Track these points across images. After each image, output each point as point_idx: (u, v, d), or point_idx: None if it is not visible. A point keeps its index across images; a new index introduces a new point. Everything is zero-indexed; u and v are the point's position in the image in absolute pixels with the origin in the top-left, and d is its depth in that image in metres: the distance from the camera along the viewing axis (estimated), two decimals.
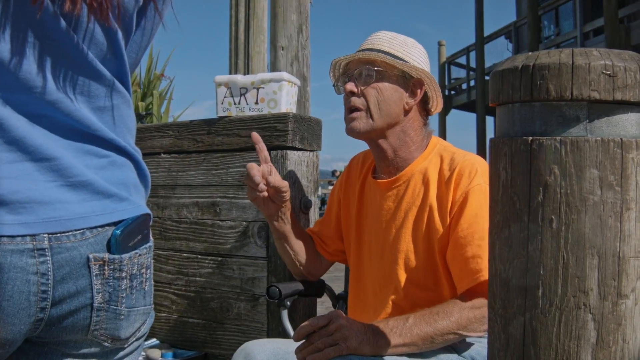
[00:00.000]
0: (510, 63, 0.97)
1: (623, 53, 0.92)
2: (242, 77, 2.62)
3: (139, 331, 1.17)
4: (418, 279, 1.90)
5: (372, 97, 1.93)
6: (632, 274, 0.89)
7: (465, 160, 1.87)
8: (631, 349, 0.90)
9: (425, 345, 1.72)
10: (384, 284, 1.97)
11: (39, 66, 1.02)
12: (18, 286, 1.00)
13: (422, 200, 1.90)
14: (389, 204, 1.98)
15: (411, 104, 1.95)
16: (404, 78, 1.95)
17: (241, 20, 5.68)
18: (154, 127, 2.88)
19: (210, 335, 2.70)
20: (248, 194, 2.06)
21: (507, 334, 0.95)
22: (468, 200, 1.79)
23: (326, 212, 2.29)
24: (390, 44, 1.96)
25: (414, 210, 1.91)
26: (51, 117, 1.04)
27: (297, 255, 2.21)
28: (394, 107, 1.93)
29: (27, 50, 1.01)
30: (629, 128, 0.91)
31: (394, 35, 2.01)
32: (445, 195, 1.85)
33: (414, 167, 1.95)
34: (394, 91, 1.94)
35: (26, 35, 1.01)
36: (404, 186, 1.95)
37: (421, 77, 1.95)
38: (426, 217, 1.88)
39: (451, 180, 1.84)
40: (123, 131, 1.14)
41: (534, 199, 0.91)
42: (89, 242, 1.05)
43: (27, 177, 1.01)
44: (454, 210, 1.82)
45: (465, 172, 1.83)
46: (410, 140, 1.97)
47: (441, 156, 1.94)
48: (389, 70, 1.94)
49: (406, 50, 1.97)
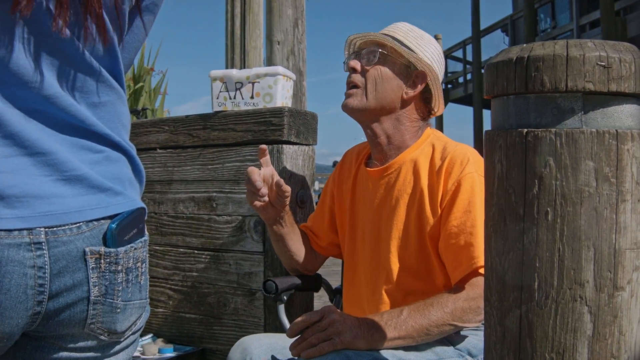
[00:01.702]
0: (505, 55, 0.96)
1: (618, 44, 0.92)
2: (237, 72, 2.61)
3: (135, 325, 1.18)
4: (410, 266, 1.90)
5: (371, 77, 1.95)
6: (628, 266, 0.89)
7: (456, 150, 1.88)
8: (627, 341, 0.90)
9: (420, 337, 1.72)
10: (376, 273, 1.97)
11: (34, 61, 1.03)
12: (15, 280, 1.00)
13: (412, 188, 1.91)
14: (381, 192, 1.99)
15: (410, 94, 1.96)
16: (407, 68, 1.96)
17: (237, 15, 5.67)
18: (149, 123, 2.87)
19: (207, 330, 2.69)
20: (248, 199, 2.03)
21: (503, 327, 0.95)
22: (460, 189, 1.80)
23: (318, 205, 2.28)
24: (406, 35, 1.99)
25: (405, 198, 1.92)
26: (47, 112, 1.04)
27: (294, 255, 2.21)
28: (389, 92, 1.94)
29: (23, 46, 1.02)
30: (624, 119, 0.91)
31: (413, 28, 2.03)
32: (437, 183, 1.85)
33: (405, 156, 1.96)
34: (393, 78, 1.95)
35: (21, 31, 1.01)
36: (395, 174, 1.96)
37: (425, 70, 1.95)
38: (417, 206, 1.88)
39: (442, 169, 1.85)
40: (118, 127, 1.14)
41: (530, 191, 0.91)
42: (85, 235, 1.05)
43: (23, 171, 1.01)
44: (445, 199, 1.82)
45: (457, 161, 1.84)
46: (405, 130, 1.98)
47: (433, 145, 1.94)
48: (395, 57, 1.95)
49: (419, 43, 1.98)
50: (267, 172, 2.01)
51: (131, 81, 8.16)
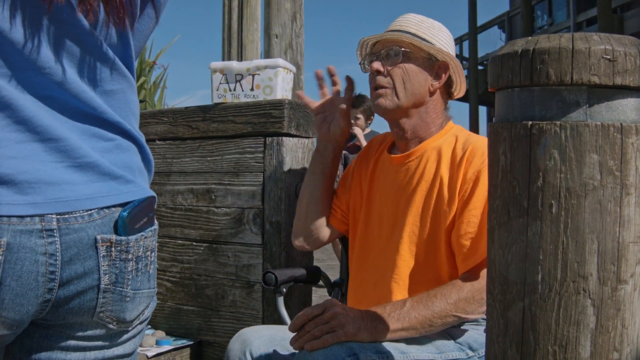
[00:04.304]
0: (510, 47, 0.96)
1: (623, 38, 0.92)
2: (237, 64, 2.61)
3: (142, 314, 1.18)
4: (419, 253, 1.89)
5: (397, 76, 1.94)
6: (632, 259, 0.89)
7: (479, 141, 1.89)
8: (630, 334, 0.90)
9: (424, 328, 1.72)
10: (387, 258, 1.95)
11: (49, 48, 1.03)
12: (27, 266, 1.00)
13: (433, 176, 1.91)
14: (401, 178, 1.98)
15: (436, 86, 1.97)
16: (429, 60, 1.96)
17: (234, 8, 5.65)
18: (149, 114, 2.87)
19: (205, 322, 2.70)
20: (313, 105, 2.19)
21: (506, 320, 0.95)
22: (480, 179, 1.80)
23: (340, 183, 2.25)
24: (418, 27, 1.98)
25: (425, 185, 1.92)
26: (59, 98, 1.04)
27: (317, 210, 2.18)
28: (418, 87, 1.95)
29: (39, 32, 1.02)
30: (628, 113, 0.91)
31: (422, 18, 2.02)
32: (457, 172, 1.86)
33: (428, 144, 1.97)
34: (419, 72, 1.95)
35: (39, 18, 1.01)
36: (416, 161, 1.96)
37: (446, 60, 1.97)
38: (436, 193, 1.89)
39: (463, 158, 1.86)
40: (128, 115, 1.14)
41: (534, 183, 0.91)
42: (97, 223, 1.05)
43: (35, 157, 1.01)
44: (464, 188, 1.83)
45: (479, 152, 1.84)
46: (431, 121, 1.99)
47: (456, 136, 1.96)
48: (416, 52, 1.95)
49: (433, 33, 1.98)
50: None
51: None
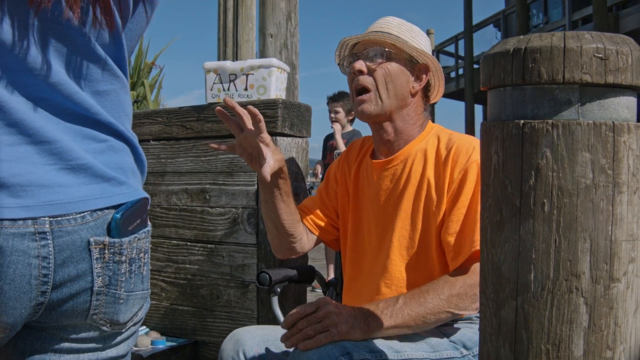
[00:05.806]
0: (502, 46, 0.96)
1: (615, 36, 0.91)
2: (231, 64, 2.61)
3: (136, 316, 1.18)
4: (410, 256, 1.89)
5: (380, 77, 1.92)
6: (624, 258, 0.89)
7: (462, 140, 1.90)
8: (623, 332, 0.90)
9: (417, 325, 1.72)
10: (378, 263, 1.96)
11: (40, 48, 1.02)
12: (20, 270, 1.00)
13: (419, 178, 1.91)
14: (387, 183, 1.98)
15: (417, 88, 1.98)
16: (411, 62, 1.96)
17: (229, 8, 5.65)
18: (143, 114, 2.87)
19: (200, 322, 2.69)
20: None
21: (498, 318, 0.95)
22: (467, 177, 1.80)
23: (321, 188, 2.22)
24: (399, 29, 1.98)
25: (412, 188, 1.92)
26: (51, 100, 1.04)
27: (285, 226, 2.10)
28: (400, 89, 1.94)
29: (29, 33, 1.01)
30: (620, 111, 0.91)
31: (402, 21, 2.02)
32: (443, 172, 1.86)
33: (411, 147, 1.97)
34: (401, 73, 1.94)
35: (28, 18, 1.01)
36: (401, 165, 1.96)
37: (427, 62, 1.97)
38: (424, 195, 1.89)
39: (448, 158, 1.86)
40: (121, 116, 1.14)
41: (526, 182, 0.91)
42: (90, 225, 1.05)
43: (27, 160, 1.01)
44: (452, 188, 1.83)
45: (463, 150, 1.85)
46: (413, 123, 1.99)
47: (438, 137, 1.96)
48: (398, 53, 1.95)
49: (414, 36, 1.99)
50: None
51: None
